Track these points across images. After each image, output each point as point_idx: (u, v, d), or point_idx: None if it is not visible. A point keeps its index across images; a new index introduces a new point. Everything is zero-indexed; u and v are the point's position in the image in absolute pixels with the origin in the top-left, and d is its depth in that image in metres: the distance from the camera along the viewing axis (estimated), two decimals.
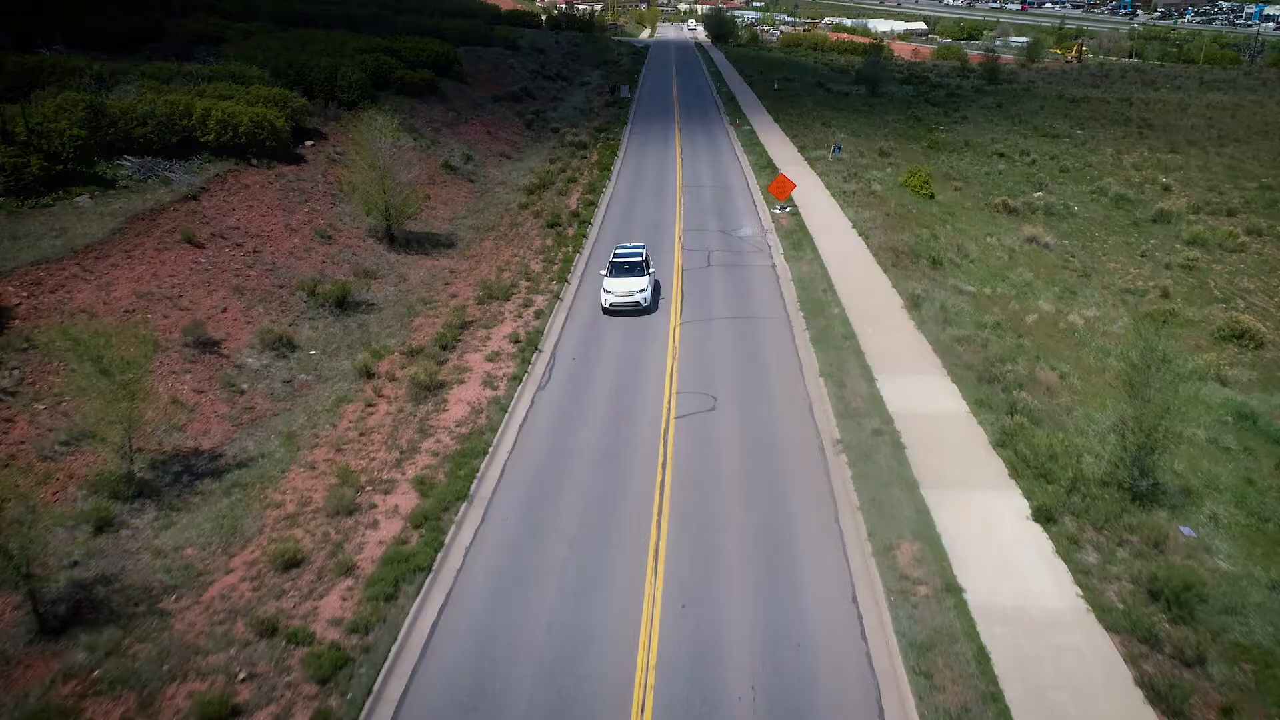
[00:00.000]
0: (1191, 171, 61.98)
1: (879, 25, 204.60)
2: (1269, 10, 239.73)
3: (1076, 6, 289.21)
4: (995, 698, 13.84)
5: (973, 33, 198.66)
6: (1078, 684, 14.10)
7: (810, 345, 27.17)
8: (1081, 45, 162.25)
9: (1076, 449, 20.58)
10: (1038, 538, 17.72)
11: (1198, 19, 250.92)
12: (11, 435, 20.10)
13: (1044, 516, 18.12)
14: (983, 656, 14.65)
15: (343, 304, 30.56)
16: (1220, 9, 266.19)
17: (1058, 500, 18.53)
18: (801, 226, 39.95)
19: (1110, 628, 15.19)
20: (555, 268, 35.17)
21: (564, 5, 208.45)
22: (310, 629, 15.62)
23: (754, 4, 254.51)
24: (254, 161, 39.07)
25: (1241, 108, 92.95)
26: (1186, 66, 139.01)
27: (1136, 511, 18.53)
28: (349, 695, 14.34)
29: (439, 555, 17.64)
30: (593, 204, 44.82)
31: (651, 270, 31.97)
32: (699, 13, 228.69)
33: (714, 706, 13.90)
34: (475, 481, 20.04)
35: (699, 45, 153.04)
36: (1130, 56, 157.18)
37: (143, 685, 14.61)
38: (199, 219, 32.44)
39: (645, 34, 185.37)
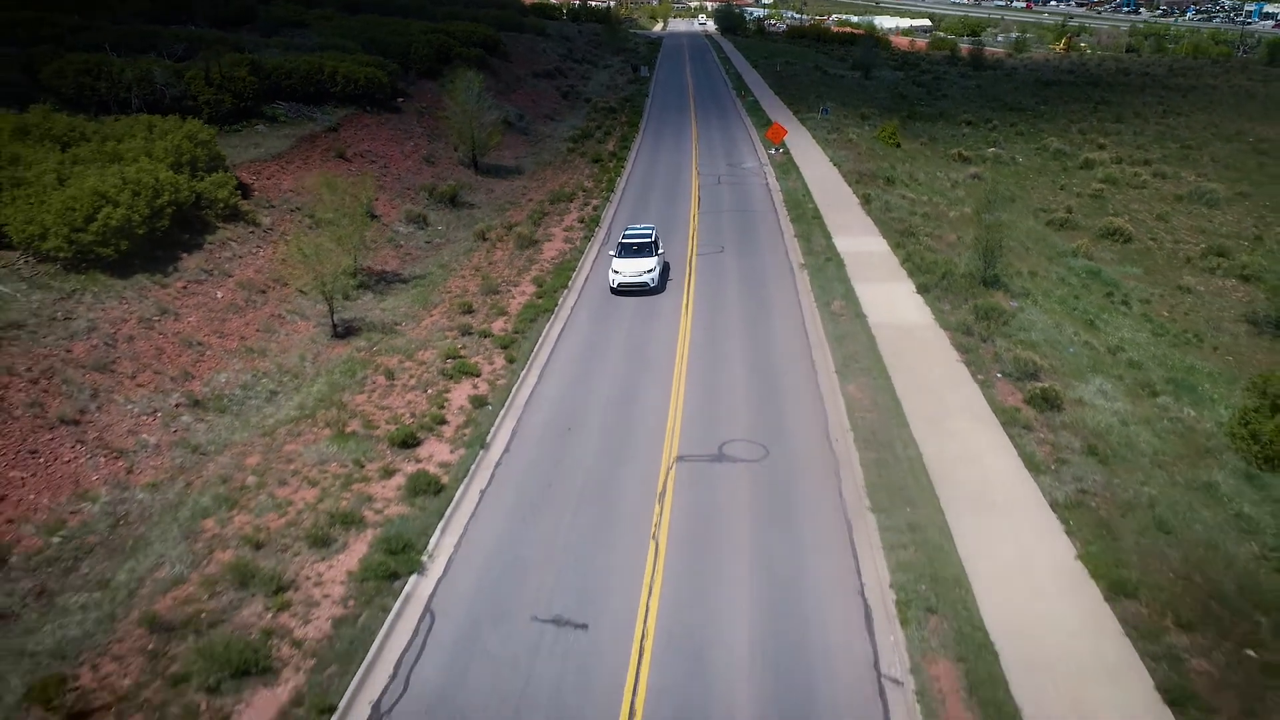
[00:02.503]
0: (1127, 135, 73.31)
1: (885, 21, 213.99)
2: (1268, 8, 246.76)
3: (1080, 4, 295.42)
4: (875, 352, 25.41)
5: (975, 29, 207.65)
6: (923, 349, 25.66)
7: (790, 222, 38.84)
8: (1070, 38, 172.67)
9: (952, 263, 32.18)
10: (916, 299, 29.38)
11: (1198, 16, 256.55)
12: (277, 253, 31.83)
13: (923, 289, 29.78)
14: (871, 339, 26.28)
15: (454, 200, 42.34)
16: (1221, 6, 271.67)
17: (932, 283, 30.16)
18: (790, 161, 51.54)
19: (945, 327, 26.84)
20: (603, 185, 46.86)
21: (579, 1, 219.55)
22: (490, 329, 27.39)
23: (762, 1, 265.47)
24: (368, 109, 50.82)
25: (1195, 89, 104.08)
26: (1174, 59, 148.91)
27: (981, 291, 30.11)
28: (516, 358, 25.99)
29: (555, 308, 29.39)
30: (626, 149, 56.51)
31: (660, 251, 32.09)
32: (709, 9, 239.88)
33: (720, 375, 25.50)
34: (572, 275, 31.91)
35: (709, 36, 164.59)
36: (1128, 52, 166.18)
37: (402, 354, 26.30)
38: (342, 143, 44.20)
39: (658, 27, 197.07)
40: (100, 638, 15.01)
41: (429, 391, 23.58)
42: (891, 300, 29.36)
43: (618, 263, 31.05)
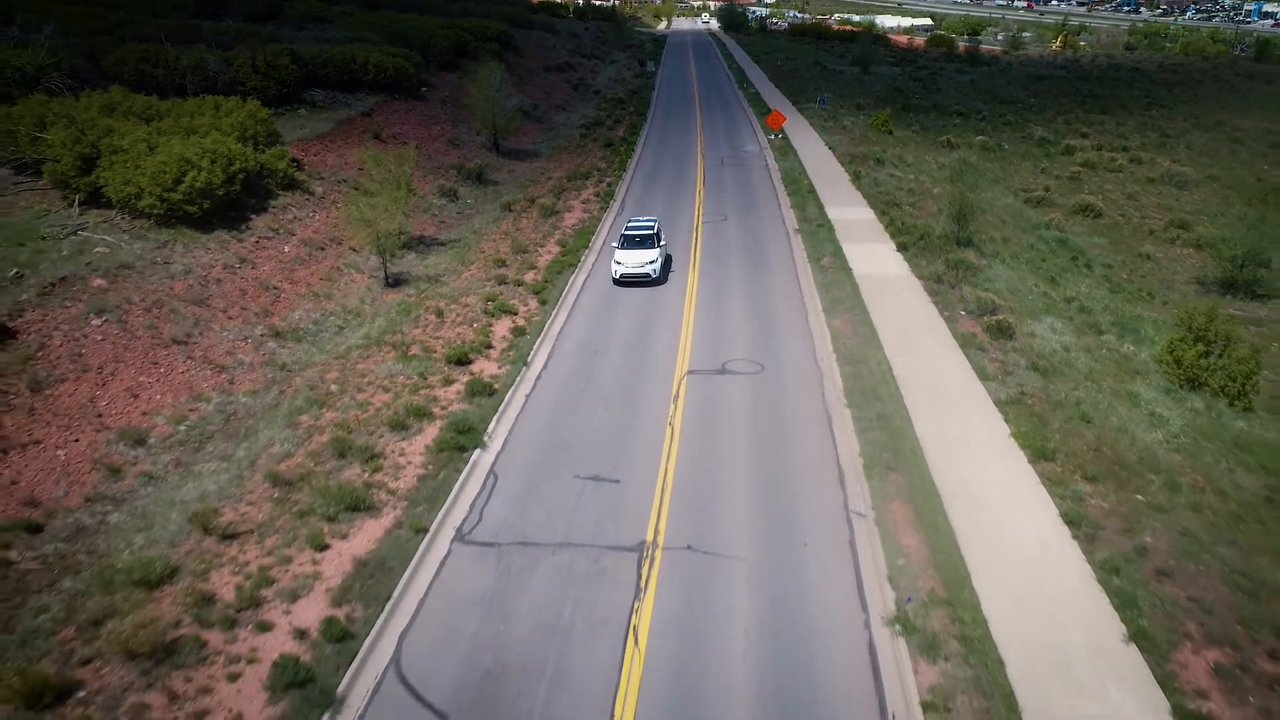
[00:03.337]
0: (1110, 125, 77.17)
1: (886, 21, 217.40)
2: (1268, 8, 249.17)
3: (1081, 4, 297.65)
4: (857, 296, 29.34)
5: (976, 28, 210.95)
6: (899, 294, 29.61)
7: (786, 196, 42.80)
8: (1065, 36, 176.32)
9: (929, 227, 36.14)
10: (896, 256, 33.34)
11: (1198, 16, 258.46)
12: (332, 217, 35.80)
13: (902, 248, 33.75)
14: (855, 286, 30.23)
15: (480, 178, 46.36)
16: (1221, 6, 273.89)
17: (911, 243, 34.12)
18: (789, 145, 55.50)
19: (920, 277, 30.81)
20: (615, 166, 50.83)
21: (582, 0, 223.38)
22: (523, 279, 31.39)
23: (765, 0, 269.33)
24: (397, 96, 54.85)
25: (1182, 84, 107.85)
26: (1165, 56, 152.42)
27: (954, 249, 34.04)
28: (547, 300, 29.94)
29: (578, 264, 33.38)
30: (635, 135, 60.49)
31: (663, 243, 32.69)
32: (712, 8, 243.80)
33: (724, 313, 29.46)
34: (592, 238, 35.98)
35: (712, 34, 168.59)
36: (1126, 50, 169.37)
37: (448, 298, 30.27)
38: (376, 126, 48.20)
39: (662, 26, 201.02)
40: (233, 491, 19.02)
41: (474, 326, 27.58)
42: (874, 257, 33.31)
43: (620, 254, 31.73)
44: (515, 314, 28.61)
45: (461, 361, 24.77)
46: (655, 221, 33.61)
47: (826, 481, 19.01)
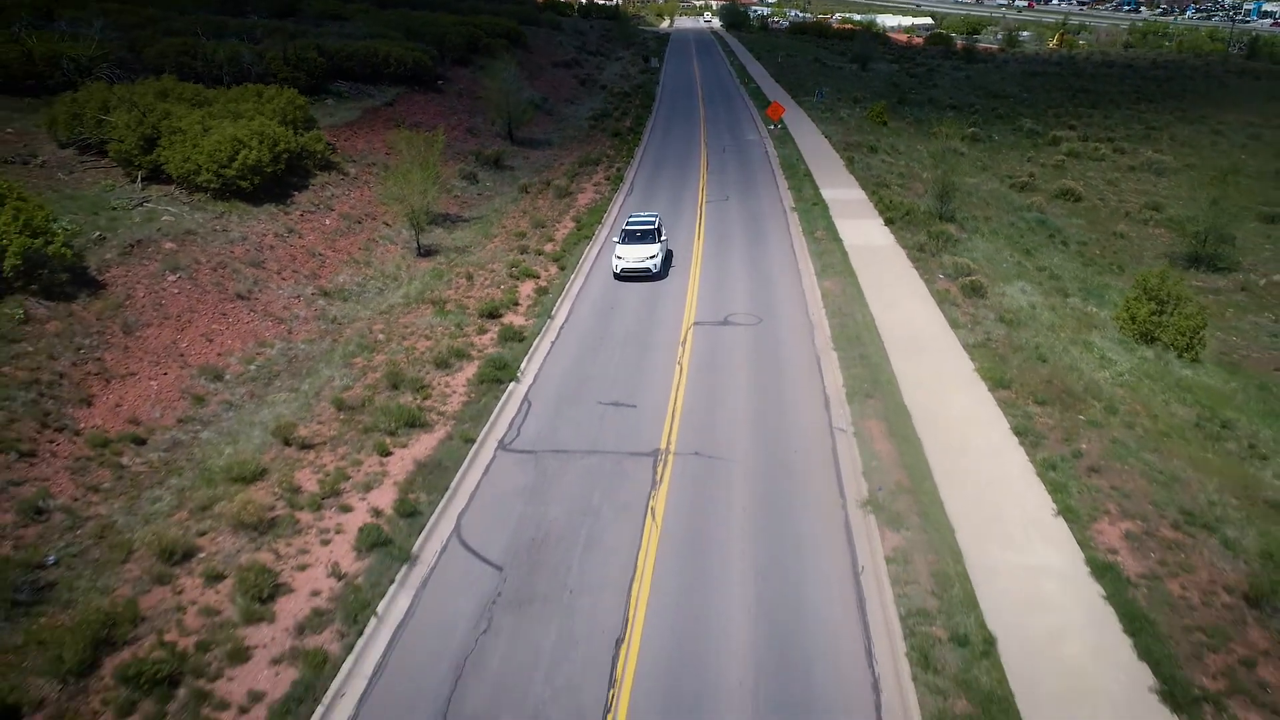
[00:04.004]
0: (1097, 118, 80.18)
1: (887, 20, 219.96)
2: (1267, 7, 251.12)
3: (1081, 3, 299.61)
4: (847, 262, 32.43)
5: (976, 27, 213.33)
6: (885, 260, 32.67)
7: (784, 178, 45.93)
8: (1062, 35, 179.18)
9: (915, 205, 39.24)
10: (884, 229, 36.45)
11: (1198, 15, 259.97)
12: (366, 195, 38.90)
13: (889, 223, 36.86)
14: (844, 254, 33.32)
15: (498, 163, 49.49)
16: (1220, 5, 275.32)
17: (897, 218, 37.21)
18: (787, 134, 58.60)
19: (904, 246, 33.92)
20: (623, 153, 53.95)
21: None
22: (543, 249, 34.52)
23: (767, 0, 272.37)
24: (415, 88, 58.00)
25: (1172, 80, 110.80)
26: (1157, 54, 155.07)
27: (937, 223, 37.11)
28: (566, 266, 33.04)
29: (593, 236, 36.52)
30: (641, 125, 63.63)
31: (664, 239, 32.89)
32: (714, 7, 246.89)
33: (725, 277, 32.51)
34: (604, 214, 39.11)
35: (714, 32, 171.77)
36: (1125, 48, 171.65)
37: (475, 265, 33.34)
38: (399, 115, 51.32)
39: (665, 25, 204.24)
40: (304, 415, 22.13)
41: (501, 287, 30.69)
42: (863, 230, 36.41)
43: (621, 248, 31.84)
44: (537, 277, 31.71)
45: (492, 315, 27.87)
46: (656, 217, 33.88)
47: (814, 406, 22.11)
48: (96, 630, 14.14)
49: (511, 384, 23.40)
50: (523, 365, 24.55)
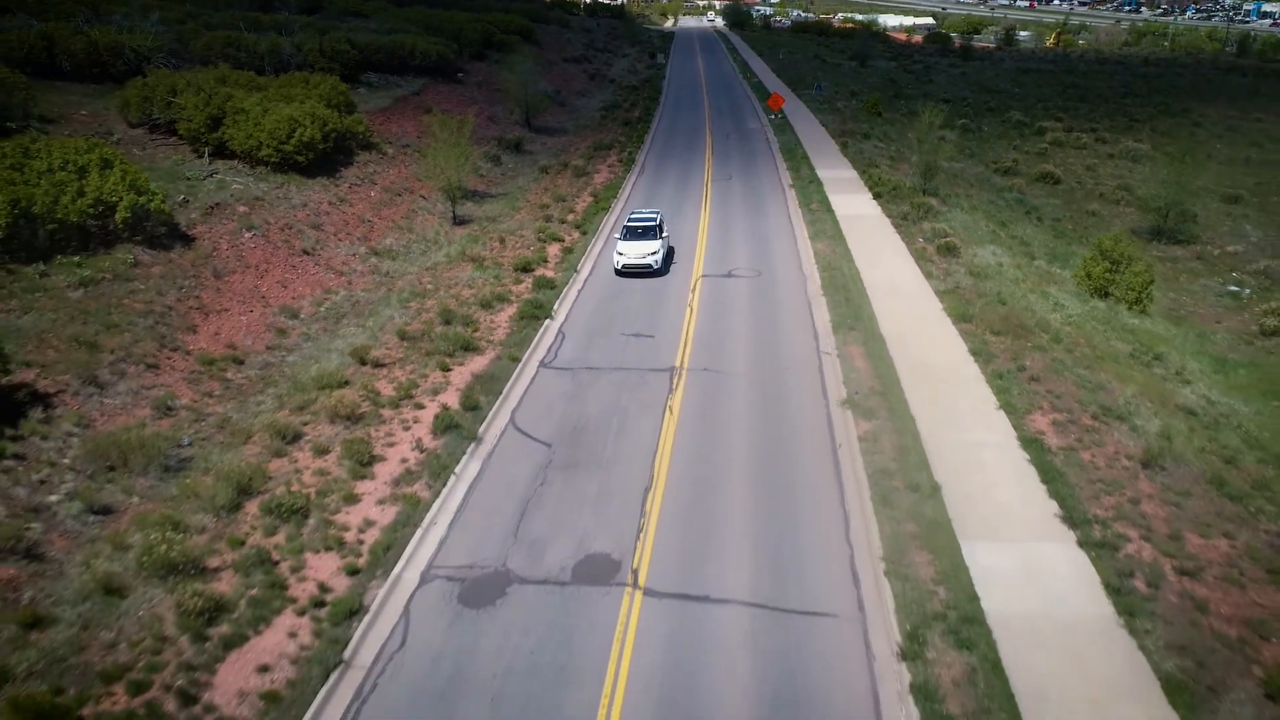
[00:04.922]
0: (1083, 110, 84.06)
1: (888, 20, 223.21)
2: (1266, 7, 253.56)
3: (1082, 3, 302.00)
4: (837, 228, 36.40)
5: (977, 27, 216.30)
6: (871, 227, 36.64)
7: (783, 161, 49.98)
8: (1060, 34, 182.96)
9: (901, 182, 43.22)
10: (872, 203, 40.46)
11: (1198, 15, 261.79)
12: (403, 172, 42.90)
13: (877, 197, 40.86)
14: (836, 223, 37.31)
15: (518, 148, 53.55)
16: (1220, 5, 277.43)
17: (884, 192, 41.21)
18: (787, 123, 62.62)
19: (889, 216, 37.92)
20: (634, 139, 57.99)
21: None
22: (566, 218, 38.55)
23: (770, 0, 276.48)
24: (438, 79, 62.07)
25: (1161, 77, 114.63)
26: (1149, 51, 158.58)
27: (921, 197, 41.08)
28: (587, 232, 37.02)
29: (609, 208, 40.53)
30: (650, 115, 67.68)
31: (665, 235, 32.92)
32: (717, 6, 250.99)
33: (729, 240, 36.48)
34: (619, 189, 43.10)
35: (718, 31, 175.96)
36: (1124, 48, 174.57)
37: (506, 231, 37.36)
38: (426, 103, 55.38)
39: (669, 23, 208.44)
40: (373, 342, 26.14)
41: (531, 249, 34.70)
42: (854, 203, 40.42)
43: (622, 245, 31.88)
44: (562, 240, 35.74)
45: (526, 269, 31.89)
46: (658, 214, 33.96)
47: (804, 336, 26.11)
48: (239, 480, 18.16)
49: (547, 320, 27.43)
50: (555, 306, 28.59)
